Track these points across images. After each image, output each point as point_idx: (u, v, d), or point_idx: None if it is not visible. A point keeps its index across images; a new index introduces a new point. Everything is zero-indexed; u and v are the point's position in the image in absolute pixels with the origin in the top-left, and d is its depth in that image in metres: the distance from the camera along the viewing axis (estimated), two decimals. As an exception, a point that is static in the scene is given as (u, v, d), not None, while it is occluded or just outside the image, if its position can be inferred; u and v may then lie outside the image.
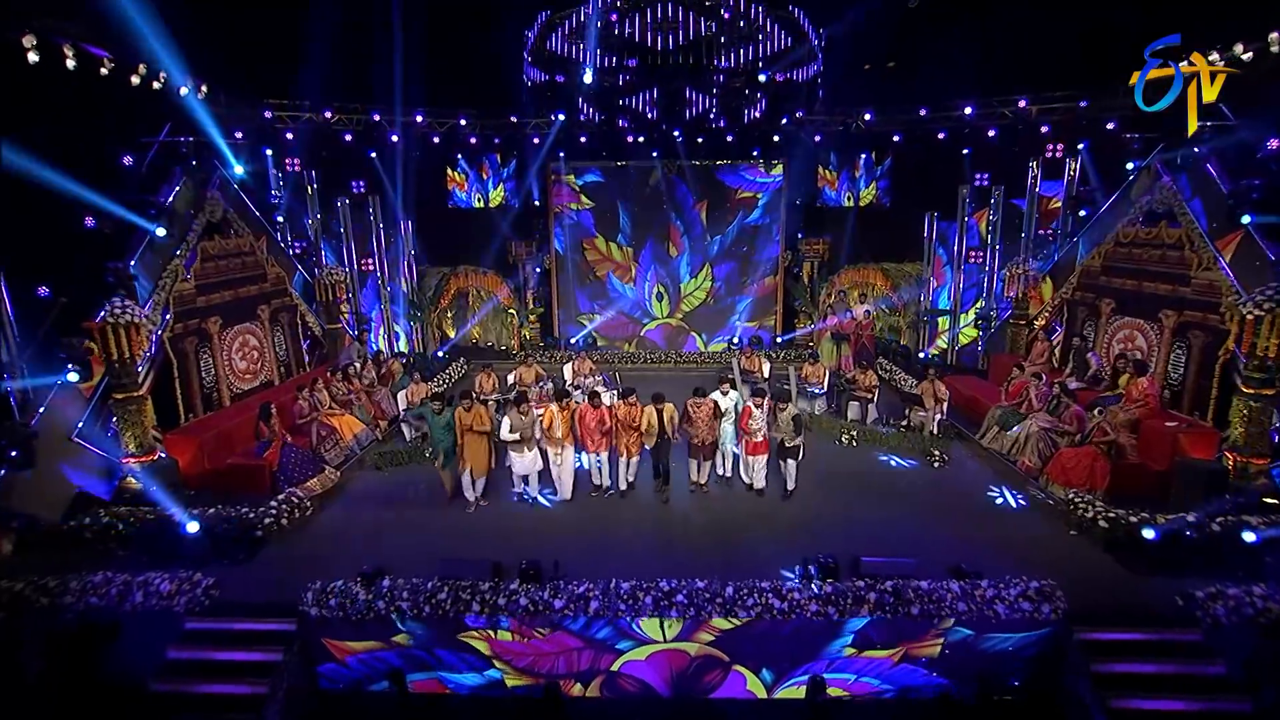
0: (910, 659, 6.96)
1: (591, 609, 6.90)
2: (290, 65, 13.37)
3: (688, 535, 8.61)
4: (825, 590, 6.95)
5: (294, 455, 9.54)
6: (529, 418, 9.05)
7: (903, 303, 16.92)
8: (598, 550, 8.23)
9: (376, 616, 6.96)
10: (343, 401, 11.39)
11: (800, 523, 8.92)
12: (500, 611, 6.94)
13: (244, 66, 12.74)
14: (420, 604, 6.97)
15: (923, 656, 6.93)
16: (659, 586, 7.04)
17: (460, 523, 8.97)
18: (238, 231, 11.49)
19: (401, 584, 7.14)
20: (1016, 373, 11.25)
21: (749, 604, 6.89)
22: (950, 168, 15.69)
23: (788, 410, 9.15)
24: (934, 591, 6.87)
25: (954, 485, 10.04)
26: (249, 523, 8.06)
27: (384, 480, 10.34)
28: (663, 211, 17.43)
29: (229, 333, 11.12)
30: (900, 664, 6.96)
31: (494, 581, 7.14)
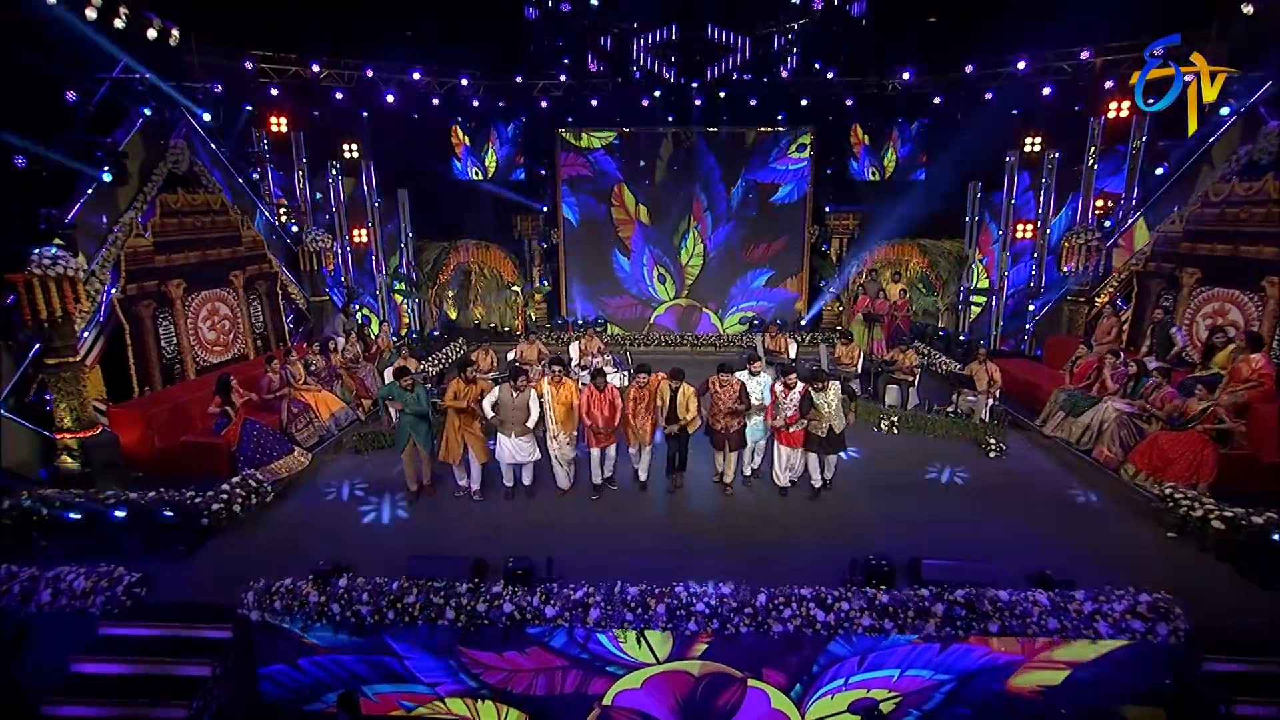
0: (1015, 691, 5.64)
1: (592, 618, 5.64)
2: (275, 12, 12.21)
3: (707, 535, 7.32)
4: (881, 600, 5.64)
5: (257, 433, 8.36)
6: (521, 396, 7.69)
7: (941, 281, 15.49)
8: (601, 550, 6.97)
9: (330, 621, 5.76)
10: (321, 377, 10.21)
11: (839, 521, 7.63)
12: (480, 620, 5.70)
13: (222, 10, 11.58)
14: (383, 608, 5.75)
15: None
16: (675, 593, 5.77)
17: (444, 515, 7.75)
18: (208, 187, 10.34)
19: (362, 584, 5.92)
20: (1083, 351, 9.86)
21: (785, 615, 5.60)
22: (996, 132, 14.22)
23: (828, 392, 7.71)
24: (1016, 604, 5.54)
25: (1016, 478, 8.69)
26: (193, 509, 6.88)
27: (362, 464, 9.15)
28: (684, 185, 16.11)
29: (195, 299, 9.97)
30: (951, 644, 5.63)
31: (474, 582, 5.90)
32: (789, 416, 7.71)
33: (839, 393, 7.72)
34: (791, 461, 8.07)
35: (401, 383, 7.73)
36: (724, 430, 7.97)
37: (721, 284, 16.61)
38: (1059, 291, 12.71)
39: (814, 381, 7.63)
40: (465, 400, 7.67)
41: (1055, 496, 8.13)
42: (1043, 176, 13.55)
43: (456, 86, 14.77)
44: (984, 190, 14.61)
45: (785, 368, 8.02)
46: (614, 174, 16.15)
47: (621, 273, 16.64)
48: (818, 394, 7.67)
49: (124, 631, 5.67)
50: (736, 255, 16.43)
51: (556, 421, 7.82)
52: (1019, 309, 14.31)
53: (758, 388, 8.06)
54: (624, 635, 5.70)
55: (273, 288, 11.63)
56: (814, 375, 7.69)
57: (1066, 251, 12.10)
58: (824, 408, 7.67)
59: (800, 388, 7.75)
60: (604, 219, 16.34)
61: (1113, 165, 12.93)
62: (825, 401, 7.68)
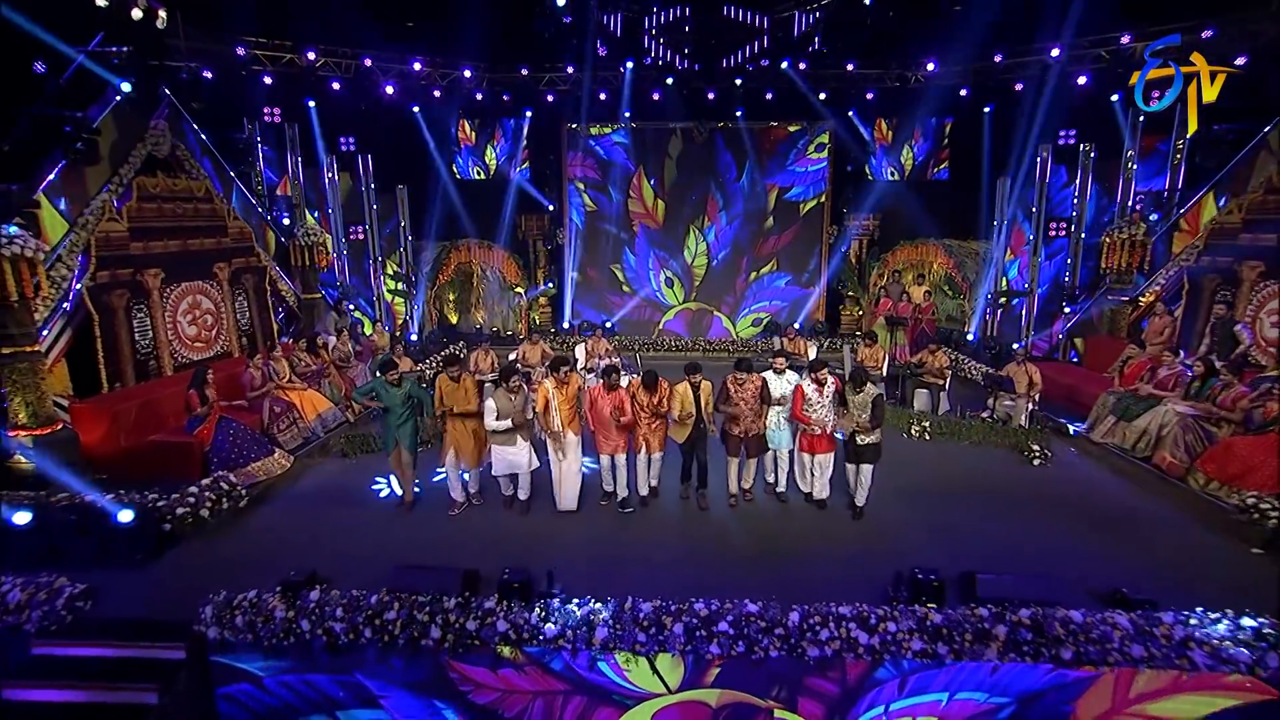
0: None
1: (598, 638, 4.93)
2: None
3: (728, 550, 6.60)
4: (933, 620, 4.91)
5: (234, 433, 7.72)
6: (519, 397, 7.00)
7: (968, 283, 14.79)
8: (608, 565, 6.28)
9: (299, 640, 5.07)
10: (308, 375, 9.59)
11: (873, 533, 6.91)
12: (469, 640, 5.00)
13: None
14: (360, 624, 5.05)
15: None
16: (694, 610, 5.05)
17: (435, 526, 7.04)
18: (191, 173, 9.80)
19: (336, 597, 5.23)
20: (1134, 352, 9.15)
21: (822, 638, 4.87)
22: (1027, 126, 13.58)
23: (864, 394, 6.94)
24: (1092, 626, 4.79)
25: (1065, 487, 7.95)
26: (154, 513, 6.22)
27: (349, 469, 8.50)
28: (698, 182, 15.54)
29: (174, 290, 9.39)
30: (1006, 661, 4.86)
31: (463, 597, 5.20)
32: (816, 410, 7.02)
33: (870, 402, 6.91)
34: (819, 470, 7.32)
35: (387, 377, 7.05)
36: (742, 434, 7.27)
37: (732, 284, 15.97)
38: (1099, 291, 11.99)
39: (855, 383, 6.92)
40: (472, 401, 7.02)
41: (1112, 507, 7.38)
42: (1078, 171, 12.92)
43: (459, 78, 14.28)
44: (1014, 187, 13.96)
45: (816, 363, 7.29)
46: (625, 164, 15.56)
47: (630, 272, 16.03)
48: (853, 394, 6.94)
49: (60, 651, 4.99)
50: (746, 252, 15.79)
51: (562, 421, 7.12)
52: (1051, 311, 13.62)
53: (785, 386, 7.37)
54: (630, 662, 4.97)
55: (261, 283, 11.05)
56: (856, 376, 6.98)
57: (1108, 248, 11.40)
58: (856, 411, 6.94)
59: (833, 383, 7.07)
60: (615, 216, 15.75)
61: (1155, 164, 12.28)
62: (858, 403, 6.93)
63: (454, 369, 7.11)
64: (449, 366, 7.13)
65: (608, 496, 7.48)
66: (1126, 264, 11.20)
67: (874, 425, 6.91)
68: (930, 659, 4.82)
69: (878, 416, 6.94)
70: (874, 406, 6.91)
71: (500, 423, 6.83)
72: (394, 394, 7.06)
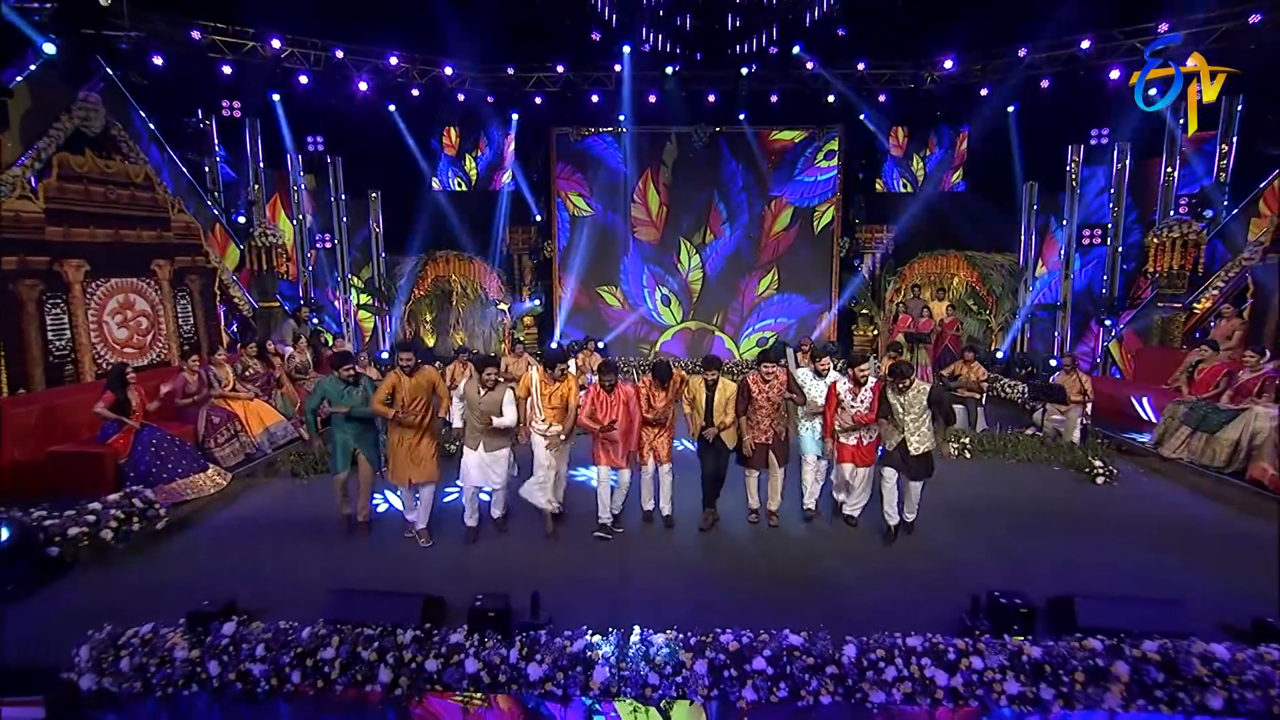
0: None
1: (597, 681, 3.94)
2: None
3: (750, 575, 5.65)
4: (1030, 655, 3.95)
5: (157, 443, 6.74)
6: (492, 395, 5.96)
7: (994, 297, 14.09)
8: (606, 593, 5.30)
9: (205, 689, 4.04)
10: (257, 384, 8.65)
11: (926, 554, 5.98)
12: (429, 683, 4.00)
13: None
14: (285, 666, 4.04)
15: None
16: (720, 643, 4.08)
17: (392, 554, 6.00)
18: (129, 156, 9.01)
19: (258, 631, 4.22)
20: (1205, 355, 8.36)
21: (888, 677, 3.90)
22: (1055, 127, 13.10)
23: (913, 390, 5.99)
24: (1245, 665, 3.85)
25: (1142, 507, 7.08)
26: (37, 533, 5.20)
27: (299, 491, 7.49)
28: (701, 191, 14.94)
29: (101, 286, 8.48)
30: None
31: (423, 629, 4.21)
32: (856, 416, 6.13)
33: (925, 402, 6.00)
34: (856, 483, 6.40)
35: (341, 372, 6.06)
36: (766, 440, 6.35)
37: (735, 301, 15.23)
38: (1147, 298, 11.29)
39: (897, 379, 6.02)
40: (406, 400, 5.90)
41: (1203, 527, 6.49)
42: (1114, 171, 12.38)
43: (440, 77, 13.70)
44: (1042, 193, 13.42)
45: (856, 357, 6.40)
46: (619, 169, 14.92)
47: (625, 287, 15.26)
48: (896, 395, 6.03)
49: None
50: (749, 265, 15.09)
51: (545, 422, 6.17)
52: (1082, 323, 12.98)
53: (818, 385, 6.49)
54: (637, 713, 3.97)
55: (209, 286, 10.17)
56: (898, 370, 6.09)
57: (1156, 250, 10.74)
58: (900, 413, 6.03)
59: (873, 384, 6.18)
60: (609, 227, 15.07)
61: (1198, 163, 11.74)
62: (903, 405, 6.01)
63: (406, 357, 5.93)
64: (400, 354, 5.96)
65: (604, 529, 6.30)
66: (1179, 266, 10.51)
67: (946, 423, 6.08)
68: (1031, 705, 3.85)
69: (945, 411, 6.06)
70: (933, 404, 5.98)
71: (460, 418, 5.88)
72: (351, 395, 6.07)
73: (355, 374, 6.08)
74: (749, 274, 15.18)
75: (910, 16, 12.89)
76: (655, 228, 15.13)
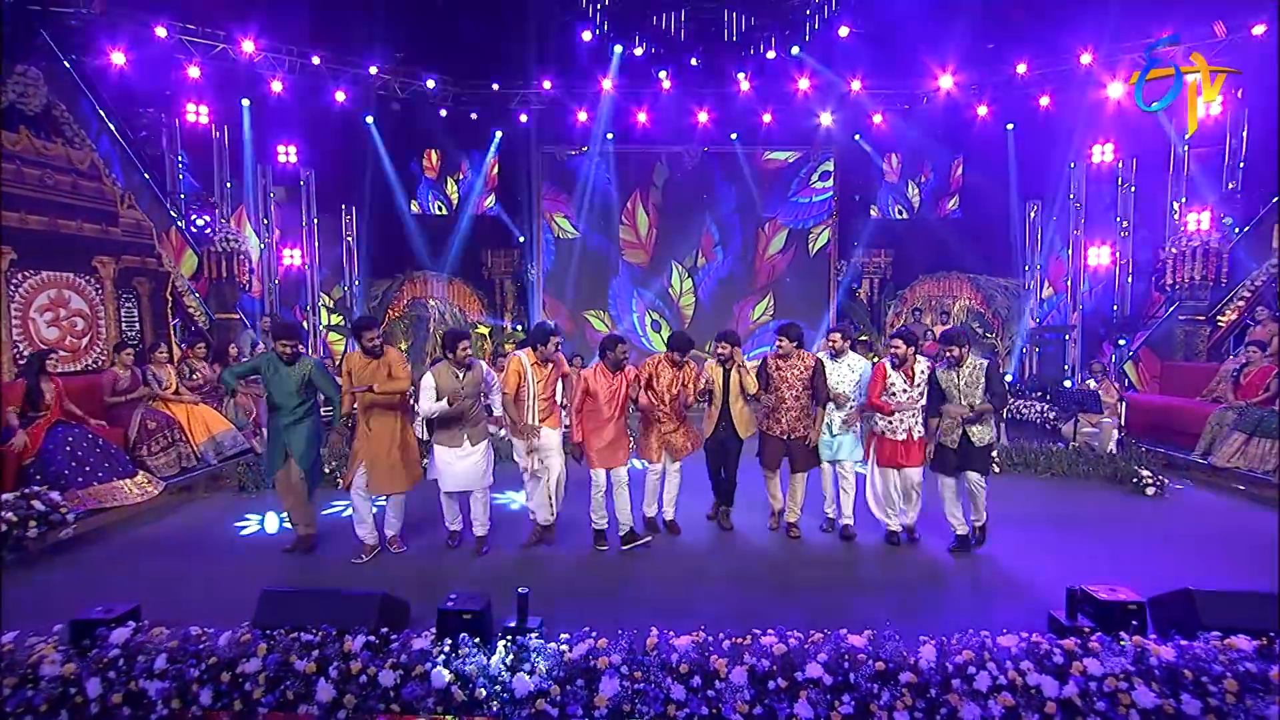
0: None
1: (605, 696, 3.02)
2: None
3: (776, 581, 4.80)
4: (1161, 658, 3.10)
5: (73, 442, 5.79)
6: (469, 375, 5.14)
7: (1000, 320, 13.56)
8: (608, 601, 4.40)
9: (79, 715, 3.07)
10: (204, 389, 7.73)
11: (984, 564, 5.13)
12: (384, 700, 3.06)
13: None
14: (192, 682, 3.08)
15: None
16: (761, 646, 3.19)
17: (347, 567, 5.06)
18: (73, 141, 8.25)
19: (160, 637, 3.27)
20: (1254, 355, 7.73)
21: (980, 686, 3.03)
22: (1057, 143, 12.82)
23: (968, 365, 5.15)
24: None
25: (1206, 519, 6.33)
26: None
27: (245, 506, 6.49)
28: (692, 214, 14.46)
29: (30, 278, 7.58)
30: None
31: (377, 632, 3.28)
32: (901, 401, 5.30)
33: (982, 379, 5.15)
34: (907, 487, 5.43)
35: (278, 346, 5.05)
36: (785, 435, 5.54)
37: (727, 324, 14.56)
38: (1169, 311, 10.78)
39: (950, 346, 5.17)
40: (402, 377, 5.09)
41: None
42: (1120, 186, 12.05)
43: (422, 90, 13.20)
44: (1044, 212, 13.07)
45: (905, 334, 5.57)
46: (606, 190, 14.40)
47: (612, 312, 14.56)
48: (948, 373, 5.18)
49: None
50: (743, 289, 14.50)
51: (538, 414, 5.31)
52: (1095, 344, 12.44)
53: (847, 374, 5.53)
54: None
55: (160, 291, 9.25)
56: (951, 338, 5.23)
57: (1174, 261, 10.27)
58: (957, 396, 5.15)
59: (925, 365, 5.34)
60: (595, 250, 14.47)
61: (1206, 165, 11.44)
62: (959, 386, 5.15)
63: (371, 335, 5.07)
64: (363, 332, 5.08)
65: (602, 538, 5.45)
66: (1200, 277, 10.02)
67: (999, 405, 5.20)
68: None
69: (1001, 390, 5.19)
70: (989, 380, 5.14)
71: (436, 405, 4.96)
72: (285, 376, 5.06)
73: (294, 353, 5.13)
74: (743, 299, 14.59)
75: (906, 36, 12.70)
76: (645, 250, 14.58)
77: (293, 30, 11.72)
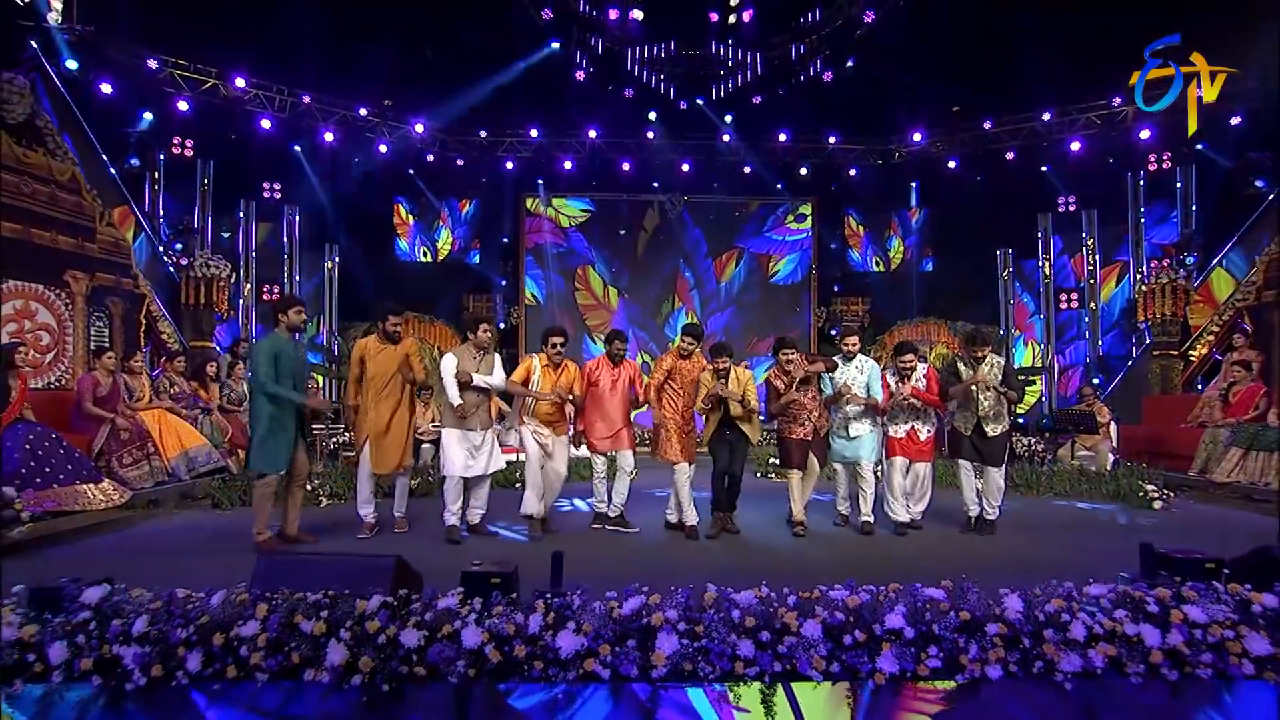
0: None
1: (662, 653, 2.60)
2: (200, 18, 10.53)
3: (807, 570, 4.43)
4: (1265, 604, 2.82)
5: (34, 440, 5.22)
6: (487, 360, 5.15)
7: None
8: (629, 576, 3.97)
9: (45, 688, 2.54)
10: (181, 403, 7.18)
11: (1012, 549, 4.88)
12: (406, 663, 2.60)
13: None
14: (178, 645, 2.59)
15: None
16: (831, 599, 2.83)
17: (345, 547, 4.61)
18: (54, 152, 7.89)
19: (142, 599, 2.79)
20: (1239, 375, 7.76)
21: (1076, 634, 2.69)
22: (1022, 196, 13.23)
23: (987, 363, 5.30)
24: None
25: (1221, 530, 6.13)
26: None
27: (219, 524, 5.87)
28: (667, 259, 14.50)
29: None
30: None
31: (396, 595, 2.82)
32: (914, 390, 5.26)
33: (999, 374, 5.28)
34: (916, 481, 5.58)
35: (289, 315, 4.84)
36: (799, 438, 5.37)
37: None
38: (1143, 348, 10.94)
39: (972, 345, 5.33)
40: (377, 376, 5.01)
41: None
42: (1083, 237, 12.46)
43: (409, 134, 13.16)
44: (1015, 260, 13.39)
45: (903, 346, 5.75)
46: (584, 252, 14.42)
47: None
48: (969, 369, 5.37)
49: None
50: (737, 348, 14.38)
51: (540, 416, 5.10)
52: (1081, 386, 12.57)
53: (855, 375, 5.56)
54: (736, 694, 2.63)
55: (133, 313, 8.78)
56: (972, 337, 5.44)
57: (1145, 298, 10.48)
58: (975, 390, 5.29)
59: (924, 370, 5.55)
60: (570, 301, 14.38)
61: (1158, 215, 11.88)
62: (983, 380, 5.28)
63: (395, 322, 5.10)
64: (388, 319, 5.09)
65: (601, 518, 5.29)
66: (1170, 313, 10.21)
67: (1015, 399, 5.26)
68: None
69: (1014, 385, 5.27)
70: (1006, 375, 5.29)
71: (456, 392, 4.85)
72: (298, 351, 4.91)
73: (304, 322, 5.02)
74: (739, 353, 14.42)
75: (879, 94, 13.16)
76: (606, 308, 14.51)
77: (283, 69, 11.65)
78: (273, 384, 4.60)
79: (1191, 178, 11.43)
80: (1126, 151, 12.13)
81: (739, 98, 12.38)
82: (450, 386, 4.90)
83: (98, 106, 9.20)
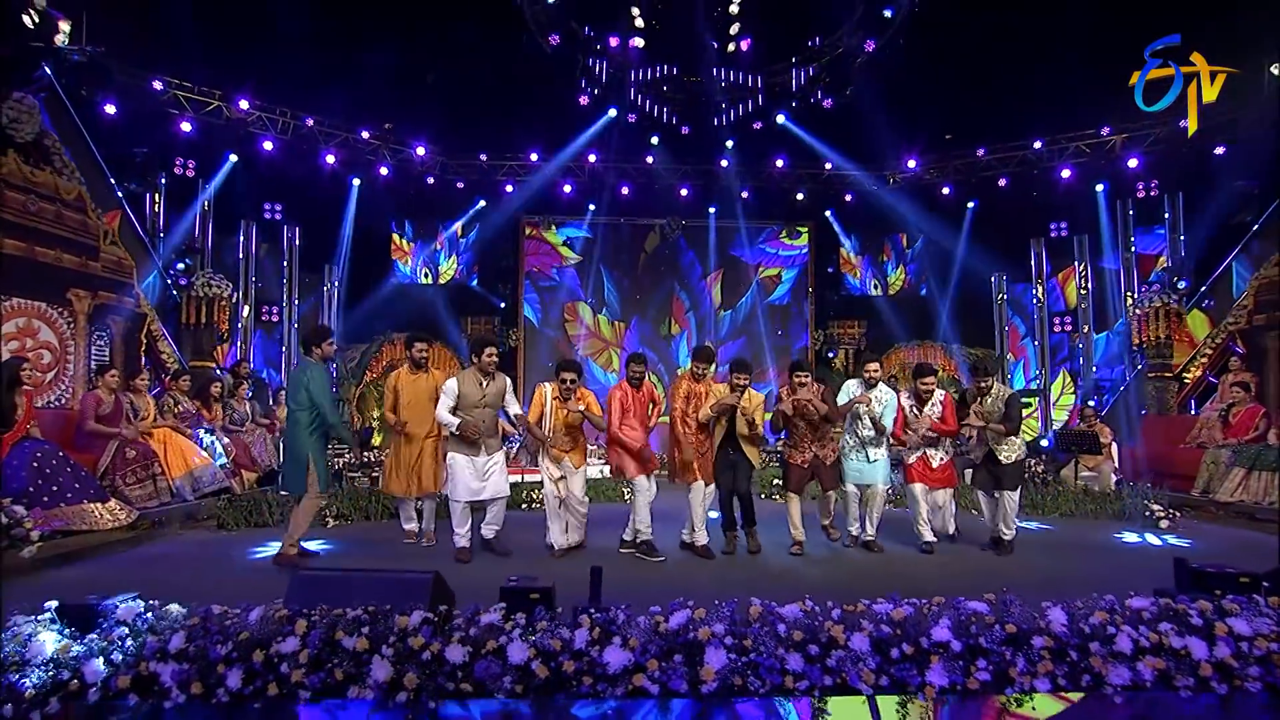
0: None
1: (712, 668, 2.57)
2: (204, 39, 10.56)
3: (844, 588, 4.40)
4: (1304, 612, 2.83)
5: (41, 458, 5.12)
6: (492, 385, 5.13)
7: (973, 387, 13.72)
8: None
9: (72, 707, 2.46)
10: (186, 421, 7.08)
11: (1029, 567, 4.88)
12: (451, 679, 2.54)
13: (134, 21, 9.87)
14: (217, 662, 2.53)
15: None
16: (876, 612, 2.81)
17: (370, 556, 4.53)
18: (61, 171, 7.84)
19: (175, 615, 2.72)
20: (1239, 396, 7.86)
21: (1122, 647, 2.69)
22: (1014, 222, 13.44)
23: (993, 394, 5.47)
24: None
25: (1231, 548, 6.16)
26: None
27: (225, 544, 5.77)
28: (663, 282, 14.58)
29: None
30: None
31: (436, 611, 2.77)
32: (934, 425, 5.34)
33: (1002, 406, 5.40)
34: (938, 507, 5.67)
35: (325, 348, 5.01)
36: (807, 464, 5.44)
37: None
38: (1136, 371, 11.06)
39: (978, 376, 5.55)
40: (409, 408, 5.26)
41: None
42: (1074, 263, 12.67)
43: (409, 157, 13.20)
44: (1009, 286, 13.57)
45: (922, 367, 5.78)
46: (574, 288, 14.50)
47: (595, 385, 14.24)
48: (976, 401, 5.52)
49: None
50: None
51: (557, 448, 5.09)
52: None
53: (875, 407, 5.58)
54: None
55: (134, 333, 8.68)
56: (977, 368, 5.64)
57: (1139, 322, 10.61)
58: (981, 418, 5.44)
59: (942, 396, 5.54)
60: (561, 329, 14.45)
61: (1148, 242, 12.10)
62: (984, 414, 5.45)
63: (420, 348, 5.44)
64: (414, 345, 5.45)
65: (632, 545, 5.23)
66: (1165, 336, 10.35)
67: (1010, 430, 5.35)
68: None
69: (1012, 417, 5.34)
70: (1007, 407, 5.38)
71: (450, 419, 4.91)
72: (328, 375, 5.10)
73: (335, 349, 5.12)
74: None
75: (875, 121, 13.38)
76: (599, 336, 14.55)
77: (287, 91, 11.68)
78: (333, 413, 4.86)
79: (1179, 205, 11.67)
80: (1115, 179, 12.37)
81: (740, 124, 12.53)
82: (443, 411, 4.96)
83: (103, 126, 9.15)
